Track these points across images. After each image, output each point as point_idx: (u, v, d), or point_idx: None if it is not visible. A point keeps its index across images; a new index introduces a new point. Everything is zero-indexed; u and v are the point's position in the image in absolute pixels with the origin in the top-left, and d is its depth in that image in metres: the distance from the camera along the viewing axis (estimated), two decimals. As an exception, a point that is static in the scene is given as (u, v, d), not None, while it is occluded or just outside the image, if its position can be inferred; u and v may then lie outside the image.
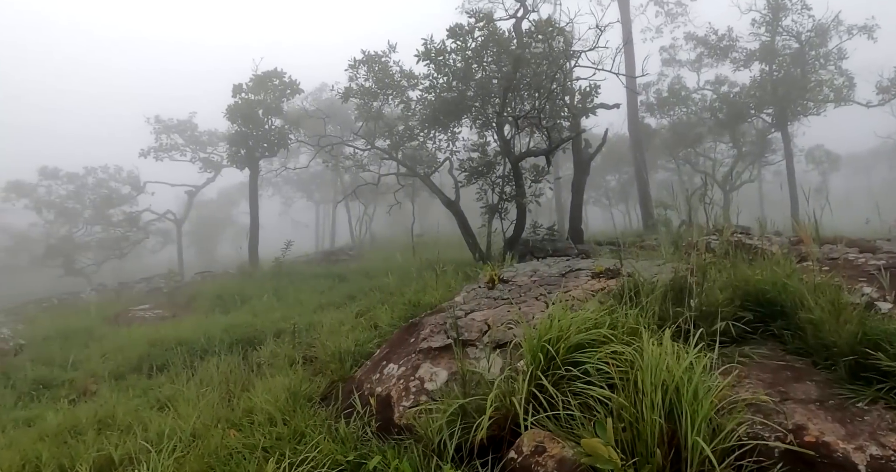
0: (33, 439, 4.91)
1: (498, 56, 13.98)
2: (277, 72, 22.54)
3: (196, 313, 11.45)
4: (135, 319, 12.17)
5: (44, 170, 38.57)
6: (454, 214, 15.06)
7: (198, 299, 13.40)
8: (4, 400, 6.66)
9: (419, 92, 16.62)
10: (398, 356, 4.85)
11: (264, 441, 4.09)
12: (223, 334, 7.98)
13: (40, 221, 39.29)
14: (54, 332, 10.30)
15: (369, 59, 16.68)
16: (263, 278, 14.42)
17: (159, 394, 5.95)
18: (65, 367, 7.98)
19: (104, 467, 4.24)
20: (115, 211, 38.47)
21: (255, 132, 21.96)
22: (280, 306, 10.17)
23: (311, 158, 28.18)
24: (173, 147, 34.84)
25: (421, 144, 17.62)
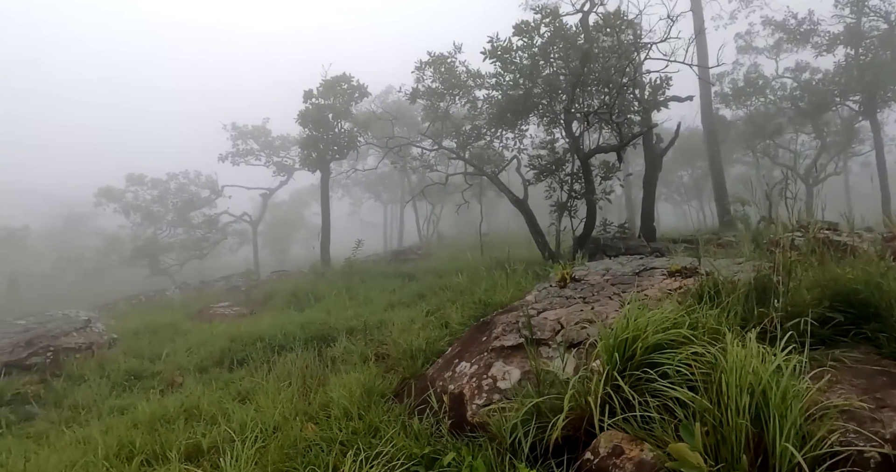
0: (128, 426, 5.18)
1: (565, 52, 13.78)
2: (346, 76, 23.07)
3: (272, 311, 11.87)
4: (216, 315, 12.76)
5: (130, 176, 41.26)
6: (522, 213, 14.96)
7: (274, 296, 13.90)
8: (101, 389, 7.08)
9: (486, 91, 16.64)
10: (470, 355, 4.87)
11: (341, 435, 4.20)
12: (299, 330, 8.22)
13: (128, 224, 42.00)
14: (143, 327, 10.87)
15: (435, 61, 16.82)
16: (335, 276, 14.79)
17: (240, 387, 6.19)
18: (153, 360, 8.42)
19: (192, 454, 4.44)
20: (196, 214, 40.62)
21: (325, 136, 22.56)
22: (352, 304, 10.39)
23: (379, 159, 28.69)
24: (249, 152, 36.42)
25: (488, 142, 17.60)
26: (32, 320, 9.85)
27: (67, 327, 9.25)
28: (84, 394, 6.95)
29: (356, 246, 16.27)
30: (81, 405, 6.58)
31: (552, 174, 14.08)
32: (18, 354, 8.31)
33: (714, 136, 24.79)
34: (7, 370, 7.91)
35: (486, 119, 16.69)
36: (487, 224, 19.34)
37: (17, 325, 9.61)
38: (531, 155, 15.03)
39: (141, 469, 4.20)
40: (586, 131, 14.38)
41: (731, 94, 30.35)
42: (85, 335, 9.25)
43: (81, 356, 8.54)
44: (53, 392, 7.25)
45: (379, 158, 32.12)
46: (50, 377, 7.79)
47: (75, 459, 4.36)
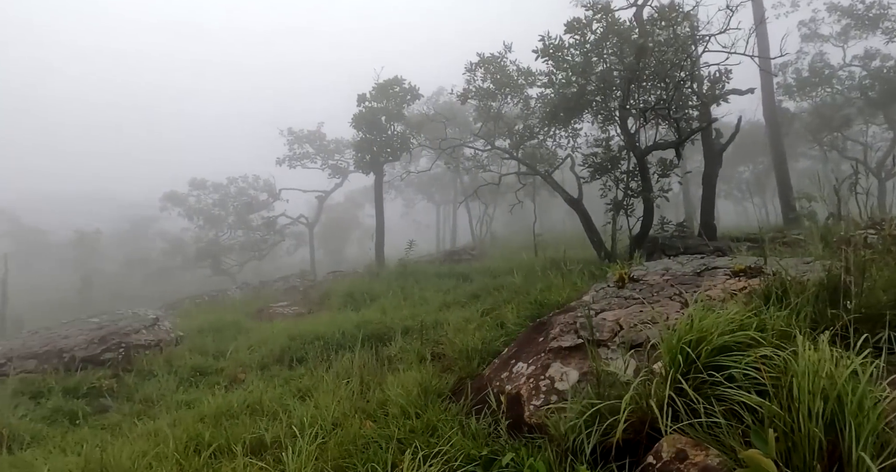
0: (195, 419, 5.37)
1: (619, 47, 13.51)
2: (397, 79, 23.31)
3: (329, 310, 12.10)
4: (275, 314, 13.12)
5: (193, 181, 43.04)
6: (577, 212, 14.76)
7: (330, 296, 14.15)
8: (168, 384, 7.38)
9: (538, 89, 16.51)
10: (527, 355, 4.84)
11: (398, 433, 4.25)
12: (355, 329, 8.34)
13: (191, 226, 43.91)
14: (207, 325, 11.24)
15: (486, 61, 16.81)
16: (390, 277, 14.95)
17: (300, 384, 6.33)
18: (217, 357, 8.71)
19: (256, 448, 4.56)
20: (255, 216, 41.98)
21: (378, 138, 22.85)
22: (407, 304, 10.48)
23: (432, 160, 28.88)
24: (305, 156, 37.36)
25: (541, 141, 17.45)
26: (105, 318, 10.35)
27: (137, 324, 9.69)
28: (153, 388, 7.26)
29: (409, 246, 16.40)
30: (151, 399, 6.88)
31: (607, 172, 13.83)
32: (93, 350, 8.75)
33: (777, 129, 23.78)
34: (83, 365, 8.35)
35: (538, 118, 16.55)
36: (541, 224, 19.14)
37: (91, 322, 10.13)
38: (585, 154, 14.82)
39: (209, 462, 4.34)
40: (642, 128, 14.06)
41: (795, 84, 29.02)
42: (153, 333, 9.67)
43: (150, 353, 8.92)
44: (125, 386, 7.59)
45: (431, 160, 32.32)
46: (122, 372, 8.18)
47: (147, 450, 4.55)
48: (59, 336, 9.24)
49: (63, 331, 9.67)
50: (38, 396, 7.15)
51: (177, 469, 4.18)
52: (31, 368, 8.30)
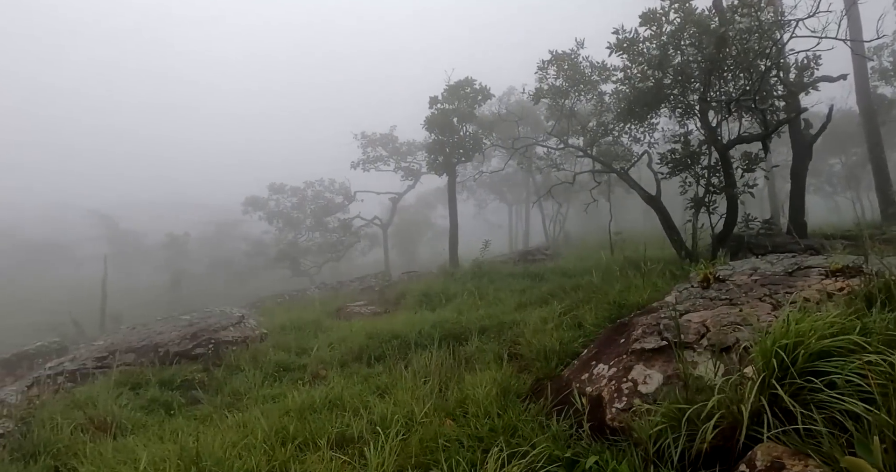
0: (280, 413, 5.55)
1: (697, 38, 12.96)
2: (468, 80, 23.34)
3: (405, 310, 12.25)
4: (353, 313, 13.43)
5: (272, 186, 44.85)
6: (655, 210, 14.30)
7: (406, 296, 14.33)
8: (255, 379, 7.66)
9: (612, 85, 16.13)
10: (608, 357, 4.74)
11: (479, 432, 4.27)
12: (431, 329, 8.41)
13: (271, 229, 45.68)
14: (289, 323, 11.60)
15: (558, 59, 16.57)
16: (464, 277, 14.98)
17: (378, 382, 6.44)
18: (299, 353, 8.97)
19: (339, 442, 4.69)
20: (331, 219, 43.21)
21: (451, 139, 22.97)
22: (482, 304, 10.49)
23: (505, 160, 28.77)
24: (378, 159, 38.17)
25: (616, 138, 17.03)
26: (195, 316, 10.93)
27: (225, 322, 10.18)
28: (240, 382, 7.57)
29: (483, 247, 16.40)
30: (239, 392, 7.18)
31: (687, 168, 13.31)
32: (185, 345, 9.27)
33: (873, 117, 22.11)
34: (177, 359, 8.85)
35: (613, 114, 16.16)
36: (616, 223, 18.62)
37: (183, 320, 10.72)
38: (660, 152, 14.32)
39: (294, 454, 4.49)
40: (724, 121, 13.44)
41: (893, 69, 26.94)
42: (240, 330, 10.13)
43: (237, 349, 9.34)
44: (215, 380, 7.97)
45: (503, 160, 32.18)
46: (211, 367, 8.60)
47: (237, 440, 4.77)
48: (155, 332, 9.84)
49: (158, 327, 10.29)
50: (136, 387, 7.61)
51: (265, 460, 4.35)
52: (131, 361, 8.87)
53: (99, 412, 6.18)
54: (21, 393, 7.93)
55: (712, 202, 12.93)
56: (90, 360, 9.07)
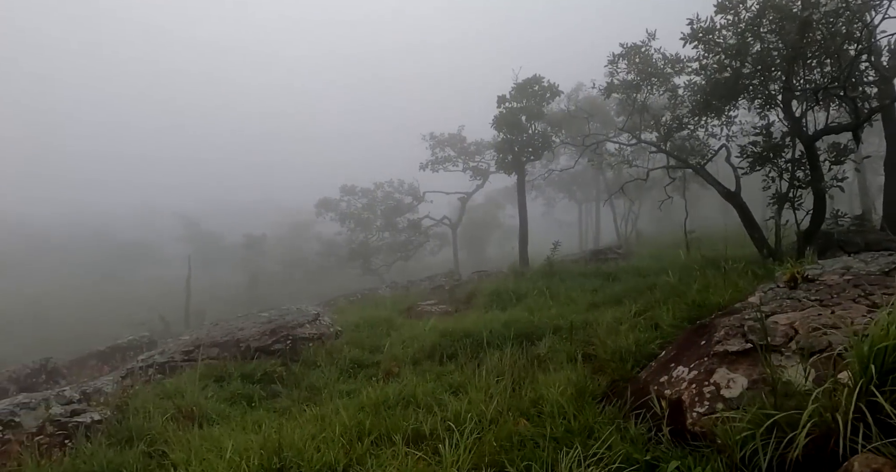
0: (355, 408, 5.68)
1: (778, 23, 12.30)
2: (536, 78, 23.10)
3: (476, 309, 12.25)
4: (423, 312, 13.55)
5: (344, 187, 46.08)
6: (735, 207, 13.70)
7: (476, 295, 14.34)
8: (330, 375, 7.87)
9: (686, 77, 15.58)
10: (688, 359, 4.59)
11: (554, 432, 4.22)
12: (503, 328, 8.36)
13: (343, 229, 46.89)
14: (362, 321, 11.83)
15: (629, 52, 16.18)
16: (535, 276, 14.84)
17: (451, 380, 6.46)
18: (372, 351, 9.15)
19: (414, 438, 4.75)
20: (401, 219, 43.90)
21: (519, 138, 22.82)
22: (554, 303, 10.37)
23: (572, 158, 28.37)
24: (447, 159, 38.56)
25: (691, 132, 16.43)
26: (273, 313, 11.33)
27: (302, 319, 10.50)
28: (317, 378, 7.80)
29: (554, 247, 16.18)
30: (315, 387, 7.40)
31: (769, 162, 12.67)
32: (265, 341, 9.63)
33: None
34: (257, 354, 9.20)
35: (688, 107, 15.59)
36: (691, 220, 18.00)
37: (262, 317, 11.14)
38: (740, 146, 13.68)
39: (371, 448, 4.60)
40: (810, 111, 12.70)
41: None
42: (315, 327, 10.43)
43: (313, 345, 9.61)
44: (292, 375, 8.22)
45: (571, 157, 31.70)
46: (289, 362, 8.88)
47: (315, 433, 4.91)
48: (237, 328, 10.28)
49: (239, 324, 10.74)
50: (220, 380, 7.94)
51: (343, 453, 4.46)
52: (214, 355, 9.29)
53: (187, 403, 6.51)
54: (116, 383, 8.46)
55: (797, 198, 12.25)
56: (178, 353, 9.58)
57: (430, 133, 39.28)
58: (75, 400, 6.74)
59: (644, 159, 28.17)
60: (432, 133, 39.30)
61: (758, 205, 13.31)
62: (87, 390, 7.50)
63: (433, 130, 39.43)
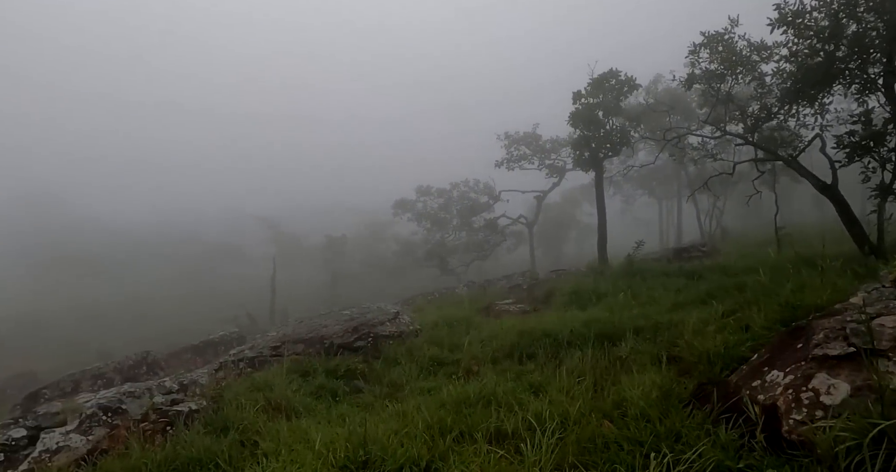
0: (436, 405, 5.75)
1: (877, 1, 11.44)
2: (613, 72, 22.55)
3: (555, 308, 12.12)
4: (501, 311, 13.54)
5: (420, 188, 46.78)
6: (832, 201, 12.85)
7: (554, 294, 14.18)
8: (410, 372, 8.01)
9: (774, 64, 14.77)
10: (783, 363, 4.36)
11: (640, 435, 4.13)
12: (583, 328, 8.24)
13: (420, 229, 47.67)
14: (440, 320, 11.97)
15: (710, 40, 15.50)
16: (614, 275, 14.53)
17: (531, 379, 6.42)
18: (451, 349, 9.20)
19: (495, 436, 4.77)
20: (477, 218, 44.14)
21: (596, 134, 22.37)
22: (635, 303, 10.11)
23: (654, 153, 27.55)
24: (522, 157, 38.49)
25: (781, 122, 15.58)
26: (355, 311, 11.65)
27: (382, 317, 10.75)
28: (398, 375, 7.95)
29: (636, 246, 15.78)
30: (396, 384, 7.55)
31: (870, 152, 11.80)
32: (347, 338, 9.92)
33: None
34: (339, 351, 9.49)
35: (776, 96, 14.78)
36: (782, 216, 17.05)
37: (343, 315, 11.48)
38: (836, 135, 12.82)
39: (452, 445, 4.64)
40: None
41: None
42: (395, 325, 10.65)
43: (394, 343, 9.82)
44: (374, 371, 8.42)
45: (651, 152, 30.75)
46: (371, 359, 9.11)
47: (398, 428, 5.03)
48: (321, 325, 10.64)
49: (322, 321, 11.11)
50: (306, 374, 8.23)
51: (425, 448, 4.54)
52: (300, 351, 9.66)
53: (275, 396, 6.80)
54: (210, 375, 8.94)
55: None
56: (266, 349, 10.02)
57: (504, 132, 39.27)
58: (174, 390, 7.21)
59: (729, 152, 26.93)
60: (507, 132, 39.30)
61: (856, 198, 12.42)
62: (184, 381, 7.97)
63: (507, 129, 39.39)
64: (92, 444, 5.80)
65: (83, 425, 6.10)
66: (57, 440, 5.82)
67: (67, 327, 44.30)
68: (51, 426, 6.43)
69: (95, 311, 50.97)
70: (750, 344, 5.68)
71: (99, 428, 6.03)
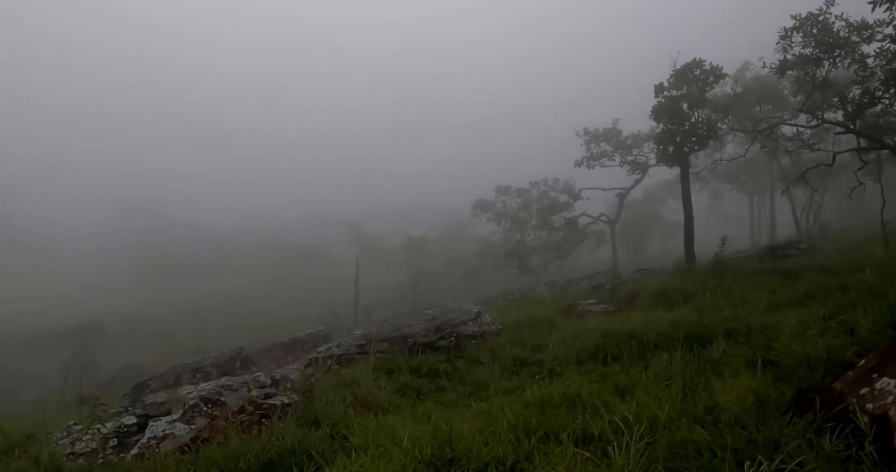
0: (520, 405, 5.75)
1: None
2: (697, 62, 21.60)
3: (640, 309, 11.81)
4: (584, 312, 13.33)
5: (499, 188, 46.85)
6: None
7: (639, 294, 13.82)
8: (493, 372, 8.02)
9: (877, 44, 13.76)
10: (893, 370, 4.07)
11: (734, 443, 3.97)
12: (671, 329, 7.99)
13: (499, 230, 47.73)
14: (522, 320, 11.93)
15: (804, 23, 14.63)
16: (703, 274, 13.95)
17: (617, 381, 6.32)
18: (534, 349, 9.16)
19: (580, 438, 4.72)
20: (557, 218, 43.65)
21: (681, 128, 21.55)
22: (726, 304, 9.70)
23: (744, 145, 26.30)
24: (602, 154, 37.79)
25: (886, 108, 14.49)
26: (437, 311, 11.81)
27: (464, 317, 10.84)
28: (480, 374, 8.00)
29: (723, 242, 15.06)
30: (479, 383, 7.59)
31: None
32: (430, 337, 10.09)
33: None
34: (422, 349, 9.66)
35: (880, 79, 13.75)
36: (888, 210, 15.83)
37: (426, 314, 11.67)
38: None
39: (538, 446, 4.64)
40: None
41: None
42: (477, 325, 10.72)
43: (476, 342, 9.89)
44: (457, 370, 8.51)
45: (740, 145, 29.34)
46: (453, 358, 9.20)
47: (482, 427, 5.06)
48: (404, 324, 10.87)
49: (405, 320, 11.35)
50: (390, 372, 8.42)
51: (511, 448, 4.55)
52: (384, 349, 9.90)
53: (363, 392, 7.01)
54: (300, 371, 9.34)
55: None
56: (352, 346, 10.35)
57: (583, 129, 38.58)
58: (267, 385, 7.62)
59: (828, 142, 25.26)
60: (586, 128, 38.59)
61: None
62: (276, 376, 8.37)
63: (587, 126, 38.69)
64: (194, 432, 6.23)
65: (186, 414, 6.57)
66: (163, 428, 6.30)
67: (168, 324, 47.40)
68: (157, 415, 7.01)
69: (193, 309, 54.26)
70: (855, 349, 5.35)
71: (200, 418, 6.48)
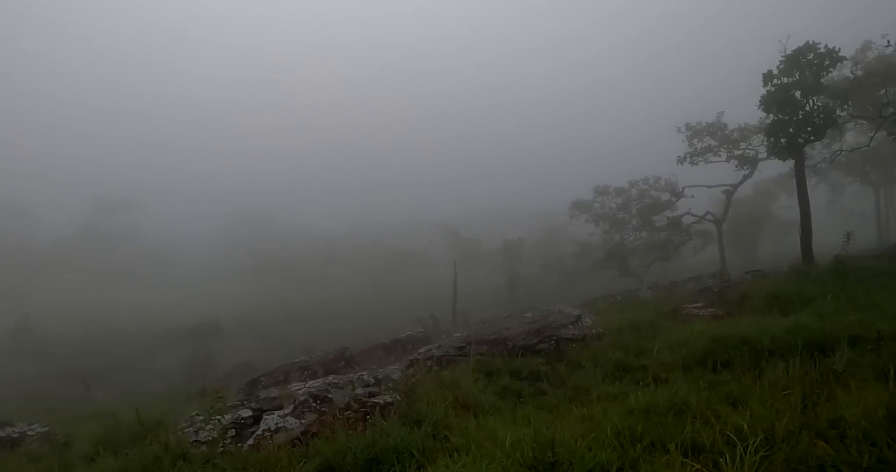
0: (624, 412, 5.65)
1: None
2: (810, 45, 20.09)
3: (751, 313, 11.16)
4: (690, 316, 12.75)
5: (597, 188, 45.86)
6: None
7: (750, 298, 13.04)
8: (595, 376, 7.92)
9: None
10: None
11: (863, 460, 3.70)
12: (786, 335, 7.54)
13: (597, 231, 46.73)
14: (624, 323, 11.64)
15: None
16: (822, 276, 12.96)
17: (727, 389, 6.07)
18: (637, 354, 8.94)
19: (689, 448, 4.55)
20: (659, 217, 42.09)
21: (794, 117, 20.13)
22: (850, 308, 8.98)
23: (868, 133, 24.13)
24: (706, 150, 36.02)
25: None
26: (536, 314, 11.78)
27: (564, 320, 10.75)
28: (581, 378, 7.92)
29: (845, 240, 13.88)
30: (580, 388, 7.51)
31: None
32: (530, 340, 10.09)
33: None
34: (522, 352, 9.67)
35: None
36: None
37: (525, 317, 11.67)
38: None
39: (643, 454, 4.53)
40: None
41: None
42: (578, 328, 10.59)
43: (576, 346, 9.79)
44: (557, 374, 8.46)
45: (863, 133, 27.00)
46: (553, 361, 9.17)
47: (584, 432, 5.02)
48: (503, 327, 10.93)
49: (504, 323, 11.41)
50: (490, 374, 8.50)
51: (615, 455, 4.48)
52: (484, 351, 10.01)
53: (462, 393, 7.14)
54: (402, 371, 9.63)
55: None
56: (452, 348, 10.53)
57: (685, 124, 36.92)
58: (371, 384, 7.97)
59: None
60: (688, 123, 36.90)
61: None
62: (378, 376, 8.70)
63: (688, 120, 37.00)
64: (304, 427, 6.64)
65: (297, 409, 7.02)
66: (276, 422, 6.78)
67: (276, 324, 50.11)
68: (270, 409, 7.53)
69: (298, 310, 57.10)
70: None
71: (309, 413, 6.90)
